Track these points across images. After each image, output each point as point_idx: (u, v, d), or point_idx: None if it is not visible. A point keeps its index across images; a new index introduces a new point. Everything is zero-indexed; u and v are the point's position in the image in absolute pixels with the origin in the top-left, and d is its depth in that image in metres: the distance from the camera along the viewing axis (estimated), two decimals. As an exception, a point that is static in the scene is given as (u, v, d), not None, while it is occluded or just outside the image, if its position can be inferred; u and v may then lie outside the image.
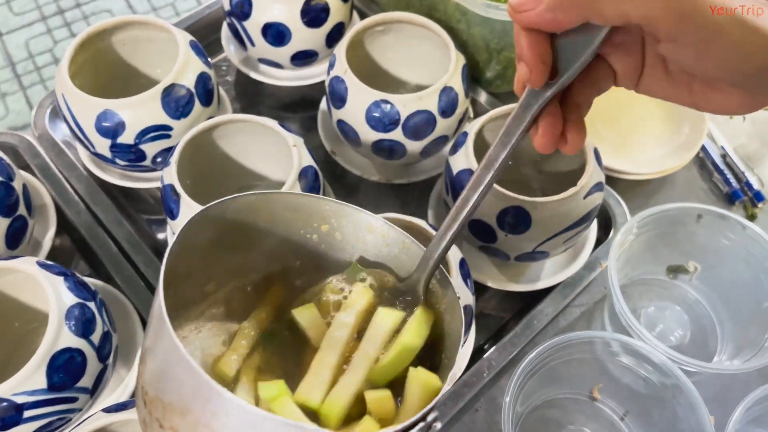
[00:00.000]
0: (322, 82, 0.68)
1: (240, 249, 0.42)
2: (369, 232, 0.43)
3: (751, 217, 0.70)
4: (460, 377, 0.58)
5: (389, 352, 0.39)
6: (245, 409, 0.30)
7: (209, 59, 0.66)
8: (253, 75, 0.76)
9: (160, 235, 0.70)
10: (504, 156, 0.38)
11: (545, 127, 0.37)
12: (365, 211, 0.43)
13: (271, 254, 0.44)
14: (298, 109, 0.79)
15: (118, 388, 0.58)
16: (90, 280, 0.61)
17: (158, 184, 0.62)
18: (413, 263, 0.42)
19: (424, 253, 0.40)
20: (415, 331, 0.40)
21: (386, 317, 0.40)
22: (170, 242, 0.36)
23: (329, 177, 0.70)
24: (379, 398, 0.38)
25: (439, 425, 0.34)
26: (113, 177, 0.67)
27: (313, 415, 0.37)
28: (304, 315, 0.42)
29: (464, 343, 0.56)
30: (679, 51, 0.32)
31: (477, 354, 0.60)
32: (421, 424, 0.33)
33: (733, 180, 0.71)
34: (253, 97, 0.79)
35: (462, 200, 0.39)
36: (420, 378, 0.38)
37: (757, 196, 0.70)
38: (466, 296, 0.52)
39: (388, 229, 0.43)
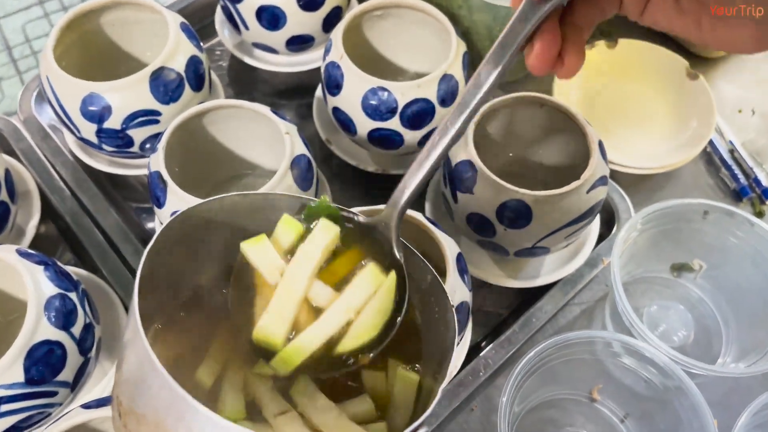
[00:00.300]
0: (318, 69, 0.66)
1: (223, 250, 0.40)
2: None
3: (759, 215, 0.68)
4: (455, 376, 0.56)
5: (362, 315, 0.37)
6: (221, 425, 0.28)
7: (201, 43, 0.63)
8: (247, 60, 0.73)
9: (149, 224, 0.68)
10: (496, 75, 0.35)
11: (542, 46, 0.34)
12: (348, 210, 0.40)
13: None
14: (293, 96, 0.77)
15: (102, 382, 0.56)
16: (73, 270, 0.59)
17: (147, 172, 0.60)
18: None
19: (398, 185, 0.38)
20: (387, 298, 0.37)
21: (375, 277, 0.37)
22: (148, 245, 0.34)
23: (324, 167, 0.68)
24: (375, 376, 0.35)
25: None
26: (100, 163, 0.65)
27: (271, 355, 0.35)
28: (256, 249, 0.38)
29: (459, 342, 0.54)
30: None
31: (473, 352, 0.58)
32: None
33: (741, 176, 0.69)
34: (247, 83, 0.77)
35: (444, 124, 0.36)
36: (407, 380, 0.35)
37: (766, 193, 0.68)
38: (462, 292, 0.50)
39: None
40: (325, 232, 0.38)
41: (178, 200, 0.52)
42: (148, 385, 0.30)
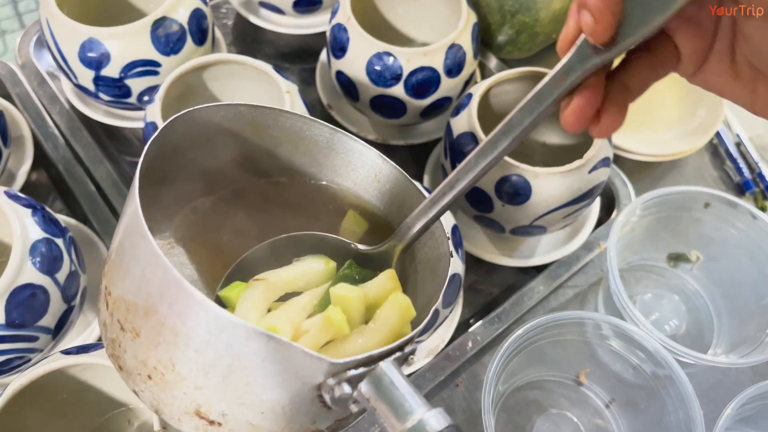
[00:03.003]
0: (324, 33, 0.64)
1: (224, 159, 0.39)
2: (361, 162, 0.40)
3: (761, 210, 0.66)
4: (442, 350, 0.55)
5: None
6: (216, 313, 0.27)
7: (207, -1, 0.62)
8: (253, 19, 0.72)
9: (143, 179, 0.67)
10: (527, 124, 0.32)
11: (581, 102, 0.31)
12: (360, 141, 0.40)
13: (258, 168, 0.40)
14: (296, 59, 0.75)
15: (85, 332, 0.56)
16: (63, 218, 0.58)
17: (143, 124, 0.58)
18: (403, 200, 0.39)
19: (405, 220, 0.36)
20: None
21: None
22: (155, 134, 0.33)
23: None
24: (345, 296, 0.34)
25: (414, 360, 0.31)
26: (96, 113, 0.64)
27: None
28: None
29: (448, 315, 0.54)
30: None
31: (462, 328, 0.57)
32: (398, 354, 0.30)
33: (745, 169, 0.68)
34: (250, 43, 0.76)
35: (466, 164, 0.33)
36: (399, 303, 0.34)
37: (769, 189, 0.67)
38: (455, 266, 0.49)
39: (381, 163, 0.40)
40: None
41: (172, 152, 0.51)
42: (142, 270, 0.29)
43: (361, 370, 0.29)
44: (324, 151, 0.40)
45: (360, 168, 0.40)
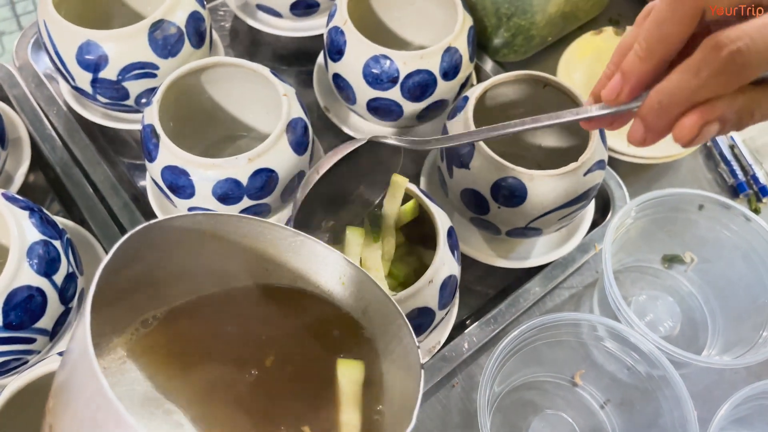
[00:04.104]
0: (321, 36, 0.65)
1: (181, 268, 0.37)
2: (324, 265, 0.39)
3: (755, 212, 0.67)
4: (438, 350, 0.55)
5: None
6: None
7: (205, 1, 0.62)
8: (250, 22, 0.72)
9: (140, 182, 0.67)
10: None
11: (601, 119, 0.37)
12: (322, 243, 0.38)
13: (216, 274, 0.38)
14: (294, 62, 0.75)
15: (82, 334, 0.56)
16: (60, 220, 0.58)
17: (141, 126, 0.59)
18: (369, 303, 0.38)
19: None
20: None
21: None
22: (107, 255, 0.30)
23: (321, 135, 0.67)
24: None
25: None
26: (94, 115, 0.64)
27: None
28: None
29: (445, 316, 0.54)
30: None
31: (458, 329, 0.58)
32: None
33: (739, 172, 0.69)
34: (248, 46, 0.76)
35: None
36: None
37: (763, 191, 0.68)
38: (452, 267, 0.50)
39: (345, 266, 0.39)
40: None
41: (170, 155, 0.51)
42: (96, 421, 0.26)
43: None
44: (287, 255, 0.39)
45: (323, 271, 0.39)
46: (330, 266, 0.39)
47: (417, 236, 0.53)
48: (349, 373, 0.36)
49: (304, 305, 0.40)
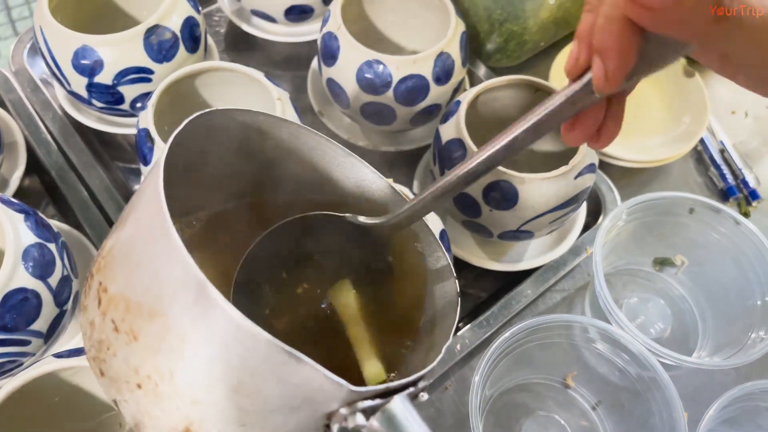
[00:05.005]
0: (315, 41, 0.65)
1: (231, 169, 0.38)
2: (371, 192, 0.41)
3: (744, 215, 0.68)
4: (431, 353, 0.56)
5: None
6: (238, 323, 0.24)
7: (200, 6, 0.63)
8: (245, 27, 0.73)
9: (135, 186, 0.67)
10: (527, 141, 0.34)
11: (585, 123, 0.32)
12: (371, 168, 0.41)
13: (263, 182, 0.40)
14: (288, 67, 0.76)
15: (77, 336, 0.56)
16: (55, 223, 0.58)
17: (136, 131, 0.59)
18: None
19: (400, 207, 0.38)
20: None
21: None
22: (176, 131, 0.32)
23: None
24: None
25: (425, 396, 0.31)
26: (89, 119, 0.64)
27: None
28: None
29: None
30: None
31: (451, 331, 0.58)
32: (411, 389, 0.30)
33: (729, 176, 0.69)
34: (243, 51, 0.76)
35: (467, 160, 0.35)
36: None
37: (752, 195, 0.68)
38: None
39: (388, 189, 0.41)
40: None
41: (164, 158, 0.52)
42: (155, 266, 0.26)
43: (377, 401, 0.28)
44: (338, 171, 0.41)
45: (368, 194, 0.41)
46: (377, 192, 0.41)
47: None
48: (343, 298, 0.39)
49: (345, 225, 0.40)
